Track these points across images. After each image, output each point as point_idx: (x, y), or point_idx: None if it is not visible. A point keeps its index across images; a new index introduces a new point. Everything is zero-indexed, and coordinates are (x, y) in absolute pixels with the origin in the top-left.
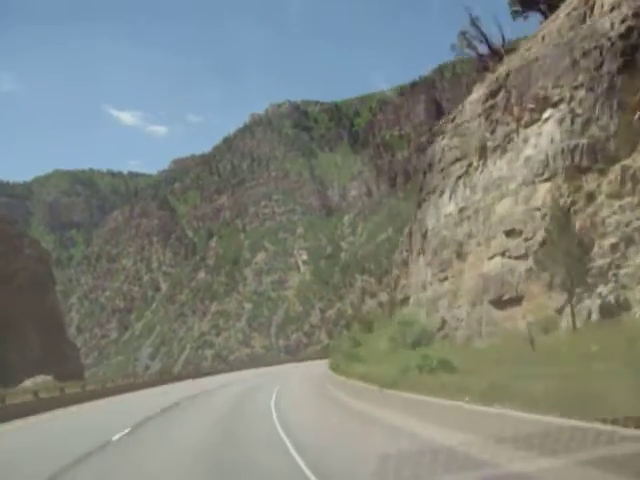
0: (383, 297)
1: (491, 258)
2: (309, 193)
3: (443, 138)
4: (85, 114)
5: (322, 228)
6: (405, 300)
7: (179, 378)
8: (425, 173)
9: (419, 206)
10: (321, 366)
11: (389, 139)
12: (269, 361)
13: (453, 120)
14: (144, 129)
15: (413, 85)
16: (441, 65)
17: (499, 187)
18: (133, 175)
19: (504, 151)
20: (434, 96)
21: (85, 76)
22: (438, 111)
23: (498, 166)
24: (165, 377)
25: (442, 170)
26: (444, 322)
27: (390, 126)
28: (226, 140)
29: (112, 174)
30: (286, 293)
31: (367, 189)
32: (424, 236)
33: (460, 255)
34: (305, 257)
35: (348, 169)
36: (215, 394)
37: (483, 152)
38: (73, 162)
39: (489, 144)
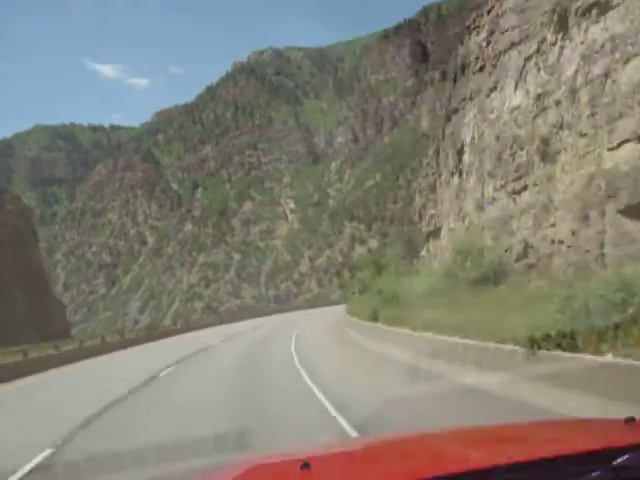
0: (373, 244)
1: (617, 147)
2: (295, 141)
3: (478, 34)
4: (65, 68)
5: (309, 176)
6: (435, 232)
7: (168, 333)
8: (455, 80)
9: (448, 119)
10: (331, 313)
11: (375, 84)
12: (259, 312)
13: (489, 12)
14: (125, 82)
15: (397, 28)
16: (426, 7)
17: (613, 51)
18: (115, 128)
19: (605, 9)
20: (419, 39)
21: (63, 30)
22: (424, 54)
23: (599, 28)
24: (153, 333)
25: (481, 69)
26: (528, 248)
27: (375, 71)
28: (209, 89)
29: (93, 128)
30: (274, 242)
31: (353, 135)
32: (459, 152)
33: (546, 155)
34: (292, 206)
35: (334, 115)
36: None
37: (563, 22)
38: (54, 117)
39: (575, 7)
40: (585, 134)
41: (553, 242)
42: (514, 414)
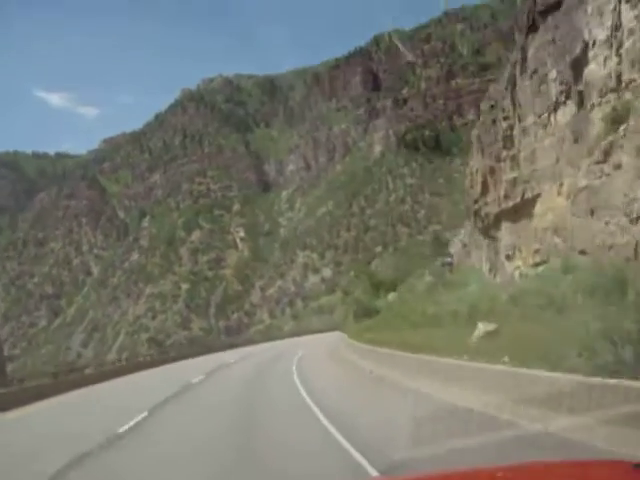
0: (326, 273)
1: None
2: (245, 168)
3: None
4: (9, 95)
5: (259, 204)
6: (525, 206)
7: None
8: None
9: (533, 27)
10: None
11: (326, 112)
12: (210, 346)
13: None
14: (74, 110)
15: (349, 57)
16: (377, 36)
17: None
18: (61, 156)
19: None
20: (370, 67)
21: (9, 56)
22: (375, 82)
23: None
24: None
25: None
26: None
27: (327, 99)
28: (157, 117)
29: (38, 156)
30: (224, 272)
31: (305, 163)
32: (577, 64)
33: None
34: (242, 234)
35: (285, 143)
36: None
37: None
38: None
39: None
40: None
41: None
42: None
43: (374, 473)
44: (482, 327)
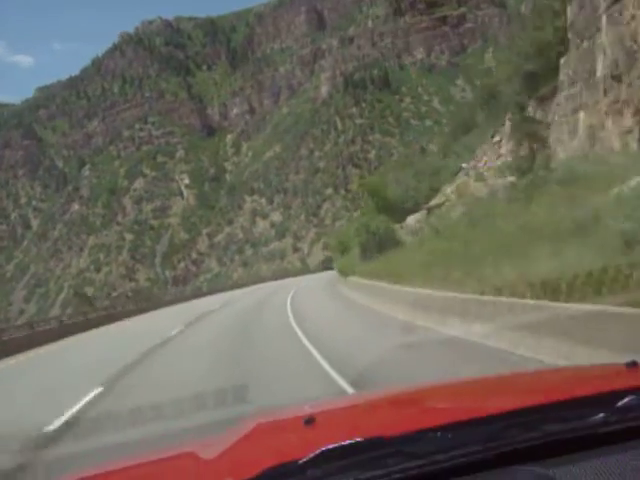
0: (276, 217)
1: None
2: (188, 113)
3: None
4: None
5: (204, 150)
6: None
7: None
8: None
9: None
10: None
11: (270, 53)
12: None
13: None
14: (7, 59)
15: None
16: None
17: None
18: None
19: None
20: (315, 6)
21: None
22: (320, 22)
23: None
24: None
25: None
26: None
27: (270, 40)
28: (94, 62)
29: None
30: (169, 220)
31: (250, 106)
32: None
33: None
34: (187, 181)
35: (228, 86)
36: None
37: None
38: None
39: None
40: None
41: None
42: None
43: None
44: None
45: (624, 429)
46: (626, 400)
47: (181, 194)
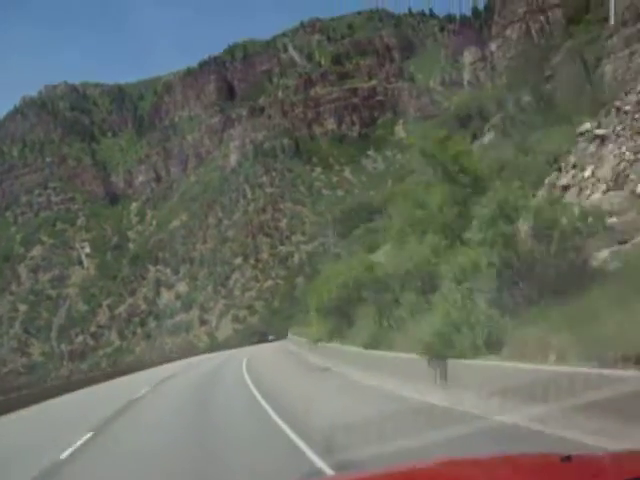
0: (182, 288)
1: None
2: (91, 180)
3: None
4: None
5: (107, 217)
6: None
7: None
8: None
9: None
10: None
11: (178, 121)
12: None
13: None
14: None
15: (202, 65)
16: (231, 45)
17: None
18: None
19: None
20: (225, 76)
21: None
22: (230, 91)
23: None
24: None
25: None
26: None
27: (179, 108)
28: None
29: None
30: (68, 291)
31: (156, 174)
32: None
33: None
34: (88, 250)
35: (134, 154)
36: None
37: None
38: None
39: None
40: None
41: None
42: None
43: None
44: None
45: None
46: None
47: (81, 263)
